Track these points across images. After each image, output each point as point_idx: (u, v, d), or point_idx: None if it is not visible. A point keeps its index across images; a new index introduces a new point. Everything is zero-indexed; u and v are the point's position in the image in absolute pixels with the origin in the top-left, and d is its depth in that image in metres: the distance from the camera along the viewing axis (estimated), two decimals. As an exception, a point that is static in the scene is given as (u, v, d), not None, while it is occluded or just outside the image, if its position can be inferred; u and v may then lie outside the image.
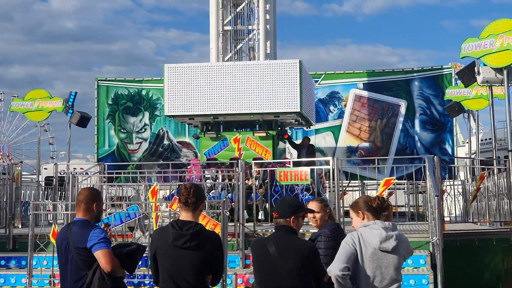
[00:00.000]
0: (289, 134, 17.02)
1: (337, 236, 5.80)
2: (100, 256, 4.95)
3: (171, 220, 5.78)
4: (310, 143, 17.01)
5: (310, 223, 6.27)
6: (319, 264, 4.98)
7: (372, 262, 4.60)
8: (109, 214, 9.92)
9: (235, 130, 15.15)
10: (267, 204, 11.96)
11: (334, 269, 4.48)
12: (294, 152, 18.85)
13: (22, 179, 14.60)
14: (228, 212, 9.23)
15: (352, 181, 15.32)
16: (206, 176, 12.75)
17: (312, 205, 6.02)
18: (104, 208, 11.74)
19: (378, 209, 4.83)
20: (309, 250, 4.88)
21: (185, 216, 4.90)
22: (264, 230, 10.72)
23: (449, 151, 19.52)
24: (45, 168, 23.12)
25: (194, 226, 4.82)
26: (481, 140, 21.59)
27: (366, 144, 19.92)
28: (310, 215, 5.90)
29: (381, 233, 4.64)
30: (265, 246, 4.86)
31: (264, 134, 14.55)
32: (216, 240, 4.96)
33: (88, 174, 13.18)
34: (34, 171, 24.23)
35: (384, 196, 12.20)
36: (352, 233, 4.74)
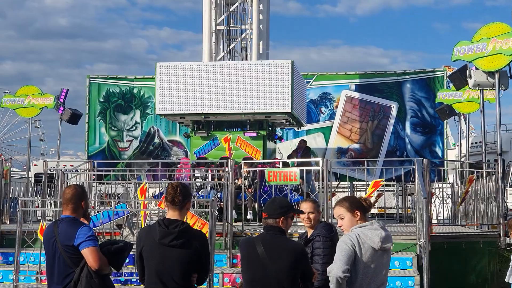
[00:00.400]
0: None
1: (333, 235, 5.77)
2: (88, 253, 4.96)
3: (158, 218, 5.79)
4: (307, 145, 16.86)
5: (302, 224, 6.23)
6: (308, 265, 4.99)
7: (369, 263, 4.58)
8: (97, 211, 9.90)
9: (225, 129, 15.16)
10: (256, 204, 11.97)
11: (337, 270, 4.43)
12: (285, 153, 18.89)
13: (12, 175, 14.54)
14: (216, 212, 9.23)
15: (341, 183, 15.35)
16: (196, 175, 12.75)
17: (306, 206, 5.92)
18: (92, 205, 11.81)
19: (368, 209, 4.84)
20: (298, 251, 4.86)
21: (172, 214, 4.91)
22: (252, 230, 10.74)
23: (439, 153, 19.60)
24: (35, 165, 23.02)
25: (181, 224, 4.84)
26: (472, 143, 21.65)
27: (357, 146, 19.97)
28: (304, 215, 5.86)
29: (381, 233, 4.62)
30: (254, 246, 4.86)
31: (254, 134, 14.59)
32: (203, 239, 4.98)
33: (77, 171, 13.15)
34: (24, 167, 24.13)
35: (373, 197, 12.26)
36: (350, 234, 4.65)
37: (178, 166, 14.10)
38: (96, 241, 5.09)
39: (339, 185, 15.27)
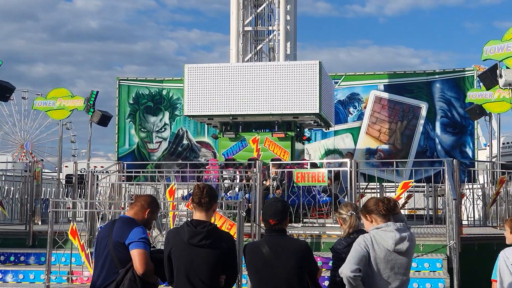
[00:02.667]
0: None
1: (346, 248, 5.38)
2: (136, 255, 4.87)
3: (186, 220, 5.83)
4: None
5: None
6: (314, 262, 5.05)
7: (385, 264, 4.62)
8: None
9: (253, 130, 15.17)
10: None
11: (346, 270, 4.51)
12: (313, 154, 18.84)
13: (43, 177, 14.78)
14: (244, 213, 9.25)
15: (370, 183, 15.23)
16: (224, 176, 12.79)
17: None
18: (122, 206, 11.93)
19: (386, 211, 4.81)
20: (303, 248, 4.92)
21: (199, 216, 4.93)
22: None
23: (470, 154, 19.34)
24: (66, 166, 23.35)
25: (209, 225, 4.87)
26: (503, 143, 21.31)
27: (386, 146, 19.82)
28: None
29: (395, 235, 4.65)
30: (259, 249, 4.90)
31: (282, 135, 14.57)
32: (230, 240, 5.00)
33: (107, 172, 13.30)
34: (56, 168, 24.49)
35: (402, 199, 12.16)
36: (365, 235, 4.76)
37: (206, 167, 14.16)
38: (148, 245, 4.98)
39: (368, 186, 15.14)
